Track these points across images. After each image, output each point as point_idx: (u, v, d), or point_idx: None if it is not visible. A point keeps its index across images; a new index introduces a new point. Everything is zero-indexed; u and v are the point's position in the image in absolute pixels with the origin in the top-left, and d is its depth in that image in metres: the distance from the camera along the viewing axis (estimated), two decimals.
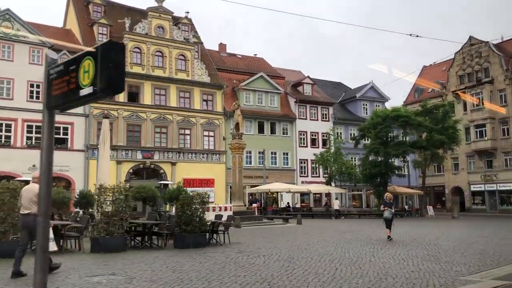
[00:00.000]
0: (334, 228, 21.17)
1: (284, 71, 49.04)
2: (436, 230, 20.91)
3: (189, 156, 38.10)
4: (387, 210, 15.03)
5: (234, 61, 45.89)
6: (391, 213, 15.16)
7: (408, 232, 19.05)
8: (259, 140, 41.02)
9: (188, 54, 39.22)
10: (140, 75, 36.50)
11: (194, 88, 39.06)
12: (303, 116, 44.73)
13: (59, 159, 32.14)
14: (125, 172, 35.01)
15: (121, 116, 35.24)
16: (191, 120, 38.46)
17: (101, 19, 37.13)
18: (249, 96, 42.19)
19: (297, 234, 17.66)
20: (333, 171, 38.02)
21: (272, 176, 41.51)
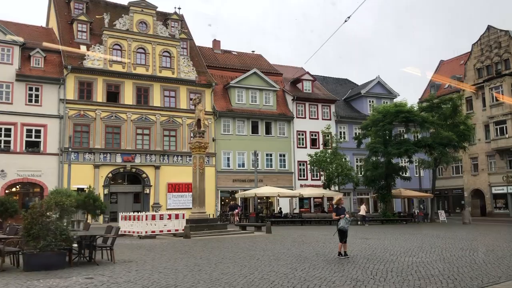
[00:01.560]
0: (295, 239, 18.14)
1: (283, 67, 46.11)
2: (420, 240, 17.64)
3: (174, 159, 35.65)
4: (344, 219, 12.04)
5: (228, 58, 43.31)
6: (348, 222, 12.18)
7: (381, 244, 15.90)
8: (252, 141, 38.18)
9: (173, 51, 36.88)
10: (120, 74, 34.39)
11: (180, 87, 36.67)
12: (301, 114, 41.64)
13: (31, 164, 30.50)
14: (103, 177, 32.84)
15: (99, 117, 33.13)
16: (177, 120, 36.03)
17: (80, 16, 35.29)
18: (241, 94, 39.46)
19: (230, 248, 14.80)
20: (329, 173, 34.80)
21: (268, 179, 38.65)
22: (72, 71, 32.54)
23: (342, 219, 12.07)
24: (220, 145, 37.48)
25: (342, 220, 12.06)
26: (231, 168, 37.88)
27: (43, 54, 32.30)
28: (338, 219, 12.13)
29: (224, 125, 38.11)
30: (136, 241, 16.97)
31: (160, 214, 19.40)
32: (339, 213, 12.25)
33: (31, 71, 31.64)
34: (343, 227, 12.02)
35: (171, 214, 19.59)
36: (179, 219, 19.24)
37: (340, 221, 12.06)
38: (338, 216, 12.19)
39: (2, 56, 30.80)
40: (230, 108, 38.44)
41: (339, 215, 12.18)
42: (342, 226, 12.02)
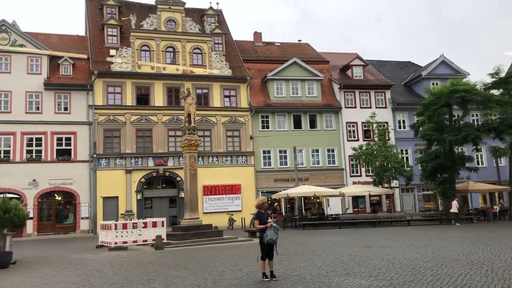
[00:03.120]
0: (285, 250, 15.02)
1: (334, 55, 42.28)
2: (464, 244, 13.64)
3: (210, 160, 33.78)
4: (271, 229, 8.99)
5: (269, 50, 40.58)
6: (277, 232, 9.09)
7: (407, 249, 12.35)
8: (295, 137, 35.11)
9: (204, 47, 35.10)
10: (149, 75, 33.31)
11: (212, 84, 34.75)
12: (351, 104, 37.64)
13: (62, 172, 30.37)
14: (136, 182, 31.89)
15: (128, 121, 32.28)
16: (210, 119, 34.13)
17: (109, 20, 34.82)
18: (281, 86, 36.53)
19: (192, 262, 12.21)
20: (374, 167, 30.60)
21: (314, 178, 35.36)
22: (100, 76, 32.05)
23: (269, 229, 8.95)
24: (259, 143, 34.93)
25: (269, 231, 8.93)
26: (272, 167, 35.13)
27: (71, 62, 32.19)
28: (264, 228, 8.99)
29: (263, 121, 35.49)
30: (99, 254, 15.12)
31: (133, 223, 17.43)
32: (263, 221, 9.13)
33: (59, 79, 31.65)
34: (271, 239, 8.90)
35: (146, 222, 17.52)
36: (158, 227, 17.09)
37: (267, 231, 8.94)
38: (263, 224, 9.08)
39: (31, 67, 31.10)
40: (268, 103, 35.74)
41: (264, 223, 9.06)
42: (271, 238, 8.89)
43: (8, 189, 29.41)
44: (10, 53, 30.72)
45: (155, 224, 17.13)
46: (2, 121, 29.74)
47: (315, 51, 41.42)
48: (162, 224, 17.26)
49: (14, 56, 30.80)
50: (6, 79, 30.26)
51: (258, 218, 9.25)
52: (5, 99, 30.26)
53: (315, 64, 38.88)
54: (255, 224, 9.37)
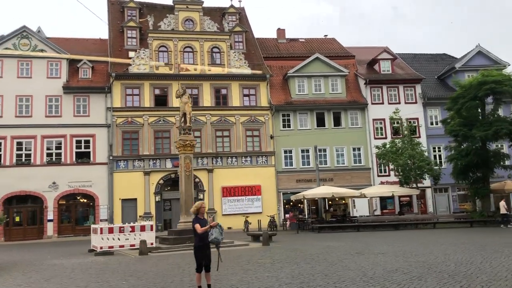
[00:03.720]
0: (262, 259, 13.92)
1: (361, 49, 40.44)
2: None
3: (229, 161, 33.03)
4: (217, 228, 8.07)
5: (293, 46, 39.33)
6: (222, 233, 8.18)
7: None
8: (318, 136, 33.76)
9: (222, 46, 34.43)
10: (167, 76, 33.05)
11: (231, 83, 34.02)
12: (378, 100, 35.77)
13: (82, 175, 30.62)
14: (154, 184, 31.65)
15: (146, 123, 32.12)
16: (229, 119, 33.40)
17: (129, 23, 34.86)
18: (303, 83, 35.23)
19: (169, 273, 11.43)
20: (398, 166, 28.69)
21: (339, 178, 33.87)
22: (118, 78, 32.10)
23: (214, 228, 8.05)
24: (280, 142, 33.83)
25: (214, 230, 8.03)
26: (293, 167, 33.90)
27: (89, 65, 32.44)
28: (206, 230, 8.07)
29: (284, 120, 34.36)
30: (81, 259, 14.65)
31: (119, 227, 16.84)
32: (200, 224, 8.20)
33: (79, 82, 31.96)
34: (216, 238, 8.00)
35: (134, 226, 16.90)
36: (147, 231, 16.45)
37: (212, 231, 8.03)
38: (201, 227, 8.15)
39: (51, 71, 31.57)
40: (289, 101, 34.57)
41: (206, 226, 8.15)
42: (216, 237, 8.01)
43: (29, 191, 30.02)
44: (31, 58, 31.32)
45: (143, 228, 16.52)
46: (23, 125, 30.31)
47: (341, 46, 39.79)
48: (150, 228, 16.63)
49: (35, 61, 31.36)
50: (27, 84, 30.86)
51: (195, 221, 8.33)
52: (26, 103, 30.86)
53: (340, 59, 37.33)
54: (196, 228, 8.43)
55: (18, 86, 30.65)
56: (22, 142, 30.44)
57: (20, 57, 31.15)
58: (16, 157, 30.15)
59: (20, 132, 30.27)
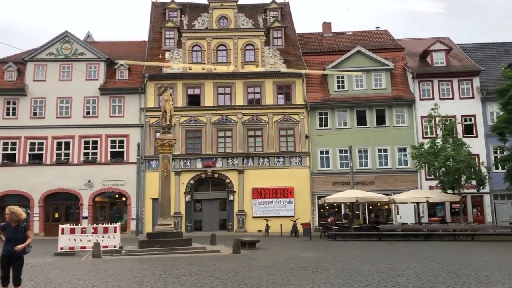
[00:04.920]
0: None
1: (414, 41, 36.93)
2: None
3: (260, 162, 31.80)
4: None
5: (338, 40, 36.95)
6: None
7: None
8: (358, 135, 31.35)
9: (257, 42, 33.32)
10: (200, 75, 32.69)
11: (265, 81, 32.76)
12: (428, 95, 32.32)
13: (115, 173, 31.30)
14: (185, 184, 31.42)
15: (178, 123, 32.02)
16: (262, 118, 32.17)
17: (167, 23, 35.08)
18: (342, 79, 32.91)
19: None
20: (434, 169, 25.31)
21: (381, 181, 31.22)
22: (151, 79, 32.39)
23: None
24: (316, 142, 31.90)
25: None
26: (330, 169, 31.75)
27: (126, 67, 33.12)
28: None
29: (320, 118, 32.34)
30: (39, 259, 14.45)
31: (81, 228, 16.40)
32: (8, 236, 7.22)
33: (115, 83, 32.76)
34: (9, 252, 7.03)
35: (97, 227, 16.36)
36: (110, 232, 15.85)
37: None
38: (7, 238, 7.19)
39: (89, 73, 32.72)
40: (326, 98, 32.46)
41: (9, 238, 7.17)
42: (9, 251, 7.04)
43: (66, 189, 31.33)
44: (71, 61, 32.72)
45: (107, 230, 16.03)
46: (63, 126, 31.73)
47: (391, 39, 36.62)
48: (114, 230, 16.08)
49: (75, 64, 32.70)
50: (68, 86, 32.25)
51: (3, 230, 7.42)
52: (66, 104, 32.28)
53: (388, 52, 34.41)
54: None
55: (59, 88, 32.14)
56: (61, 142, 31.86)
57: (62, 60, 32.67)
58: (55, 156, 31.64)
59: (60, 132, 31.72)
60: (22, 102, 32.05)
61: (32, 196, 30.96)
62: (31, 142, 31.65)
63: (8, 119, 31.81)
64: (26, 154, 31.55)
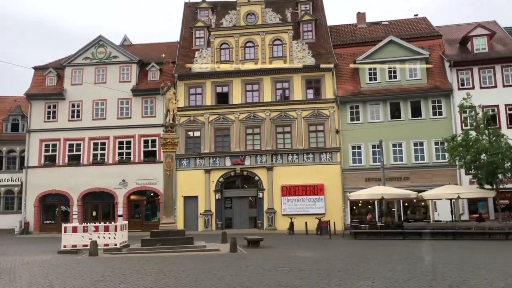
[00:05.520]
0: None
1: (455, 27, 34.67)
2: None
3: (289, 158, 31.24)
4: None
5: (372, 31, 35.45)
6: None
7: None
8: (392, 128, 30.00)
9: (284, 37, 32.75)
10: (228, 73, 32.66)
11: (293, 76, 32.13)
12: (467, 84, 30.23)
13: (148, 172, 32.08)
14: (214, 182, 31.55)
15: (207, 121, 32.18)
16: (290, 114, 31.59)
17: (197, 23, 35.35)
18: (375, 71, 31.54)
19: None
20: (465, 163, 23.42)
21: (417, 176, 29.73)
22: (181, 79, 32.81)
23: None
24: (347, 137, 30.86)
25: None
26: (362, 164, 30.61)
27: (157, 67, 33.75)
28: None
29: (352, 112, 31.23)
30: (41, 257, 14.97)
31: (83, 226, 16.68)
32: None
33: (147, 84, 33.49)
34: None
35: (98, 226, 16.59)
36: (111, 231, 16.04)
37: None
38: None
39: (123, 76, 33.70)
40: (357, 91, 31.27)
41: None
42: None
43: (102, 188, 32.50)
44: (106, 65, 33.86)
45: (108, 229, 16.29)
46: (98, 127, 32.94)
47: (429, 26, 34.63)
48: (114, 229, 16.32)
49: (109, 67, 33.82)
50: (103, 88, 33.36)
51: None
52: (102, 107, 33.45)
53: (424, 40, 32.63)
54: None
55: (95, 91, 33.34)
56: (97, 142, 33.07)
57: (97, 64, 33.89)
58: (92, 156, 32.90)
59: (95, 133, 32.95)
60: (61, 106, 33.63)
61: (71, 195, 32.43)
62: (70, 144, 33.14)
63: (48, 122, 33.50)
64: (65, 155, 33.08)
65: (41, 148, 33.26)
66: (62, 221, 32.14)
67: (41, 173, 32.82)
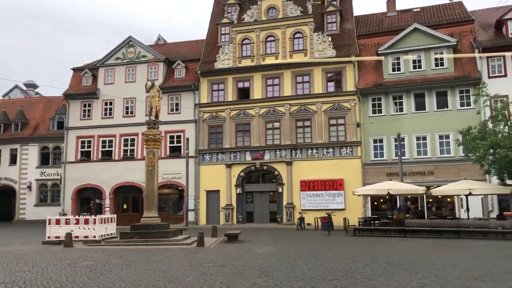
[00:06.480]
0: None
1: (492, 11, 32.16)
2: None
3: (309, 153, 30.84)
4: None
5: (401, 19, 33.82)
6: None
7: None
8: (416, 120, 28.73)
9: (305, 29, 32.27)
10: (249, 68, 32.82)
11: (313, 69, 31.60)
12: (498, 72, 28.06)
13: (173, 167, 33.16)
14: (235, 176, 31.93)
15: (228, 117, 32.59)
16: (310, 108, 31.14)
17: (223, 19, 35.78)
18: (398, 61, 30.17)
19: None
20: (478, 157, 21.60)
21: (443, 170, 28.26)
22: (204, 75, 33.46)
23: None
24: (368, 131, 29.89)
25: None
26: (384, 158, 29.50)
27: (183, 65, 34.66)
28: None
29: (373, 105, 30.17)
30: (25, 246, 16.14)
31: (65, 219, 17.51)
32: None
33: (173, 82, 34.51)
34: None
35: (79, 218, 17.37)
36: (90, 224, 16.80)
37: None
38: None
39: (150, 74, 34.94)
40: (379, 83, 30.12)
41: None
42: None
43: (132, 182, 34.03)
44: (135, 64, 35.33)
45: (87, 222, 17.15)
46: (128, 124, 34.50)
47: (463, 11, 32.46)
48: (94, 222, 17.14)
49: (138, 66, 35.24)
50: (132, 87, 34.87)
51: None
52: (131, 104, 34.97)
53: (454, 26, 30.73)
54: None
55: (125, 89, 34.92)
56: (127, 139, 34.67)
57: (127, 64, 35.45)
58: (123, 152, 34.57)
59: (126, 130, 34.57)
60: (95, 104, 35.61)
61: (104, 188, 34.32)
62: (103, 140, 35.03)
63: (84, 120, 35.62)
64: (99, 151, 35.04)
65: (77, 145, 35.49)
66: (96, 213, 34.38)
67: (78, 168, 35.03)
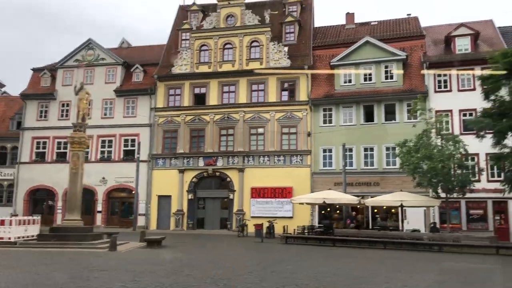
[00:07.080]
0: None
1: (445, 27, 32.97)
2: None
3: (261, 160, 31.12)
4: None
5: (358, 31, 34.41)
6: None
7: None
8: (365, 132, 29.20)
9: (262, 38, 32.67)
10: (206, 75, 33.06)
11: (268, 78, 31.96)
12: (444, 87, 28.75)
13: (126, 171, 33.09)
14: (188, 182, 32.01)
15: (183, 122, 32.72)
16: (264, 116, 31.47)
17: (184, 25, 36.00)
18: (350, 74, 30.72)
19: None
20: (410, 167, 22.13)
21: (388, 182, 28.66)
22: (161, 80, 33.59)
23: None
24: (319, 140, 30.27)
25: None
26: (333, 168, 29.88)
27: (141, 69, 34.75)
28: None
29: (325, 115, 30.62)
30: None
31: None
32: None
33: (130, 85, 34.55)
34: None
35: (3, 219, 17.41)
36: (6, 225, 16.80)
37: None
38: None
39: (108, 77, 34.98)
40: (330, 94, 30.61)
41: None
42: None
43: (85, 185, 33.63)
44: (93, 66, 35.30)
45: (3, 223, 17.13)
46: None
47: (416, 26, 33.19)
48: (10, 223, 17.13)
49: (97, 69, 35.23)
50: (90, 89, 34.62)
51: None
52: (88, 107, 34.77)
53: (406, 41, 31.41)
54: None
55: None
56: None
57: (86, 66, 35.40)
58: None
59: None
60: (52, 105, 35.44)
61: (57, 190, 34.07)
62: (58, 142, 34.83)
63: (40, 121, 35.40)
64: (54, 152, 34.87)
65: (32, 145, 35.24)
66: (48, 215, 34.14)
67: (32, 169, 34.76)
